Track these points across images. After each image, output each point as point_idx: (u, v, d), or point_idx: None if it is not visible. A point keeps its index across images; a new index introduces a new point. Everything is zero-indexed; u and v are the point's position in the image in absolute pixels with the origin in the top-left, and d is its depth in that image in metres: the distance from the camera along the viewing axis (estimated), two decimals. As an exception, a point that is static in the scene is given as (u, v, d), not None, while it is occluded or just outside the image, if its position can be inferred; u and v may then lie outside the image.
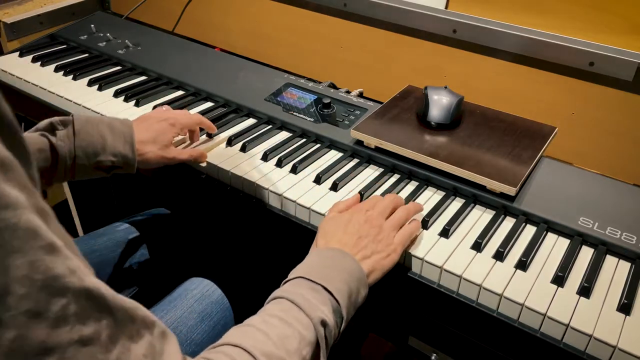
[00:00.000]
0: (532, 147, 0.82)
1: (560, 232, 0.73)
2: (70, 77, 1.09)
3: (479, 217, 0.75)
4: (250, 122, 0.97)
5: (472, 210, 0.77)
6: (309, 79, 1.08)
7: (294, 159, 0.86)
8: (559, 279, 0.64)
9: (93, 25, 1.26)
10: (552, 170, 0.81)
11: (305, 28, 1.16)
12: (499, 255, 0.68)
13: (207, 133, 0.91)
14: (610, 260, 0.69)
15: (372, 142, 0.85)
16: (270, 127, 0.94)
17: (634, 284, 0.64)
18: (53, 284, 0.33)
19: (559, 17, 0.91)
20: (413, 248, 0.69)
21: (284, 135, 0.93)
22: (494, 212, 0.76)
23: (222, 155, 0.86)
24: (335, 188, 0.80)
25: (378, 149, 0.85)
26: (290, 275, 0.58)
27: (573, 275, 0.66)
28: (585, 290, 0.63)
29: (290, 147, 0.89)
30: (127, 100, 1.02)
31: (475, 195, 0.78)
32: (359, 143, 0.87)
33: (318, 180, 0.81)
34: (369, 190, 0.79)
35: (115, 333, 0.36)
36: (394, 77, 1.06)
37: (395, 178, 0.83)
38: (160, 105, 0.96)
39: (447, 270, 0.66)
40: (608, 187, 0.78)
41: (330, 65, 1.14)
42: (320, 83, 1.08)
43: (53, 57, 1.17)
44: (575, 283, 0.65)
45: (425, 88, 0.89)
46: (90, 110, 0.99)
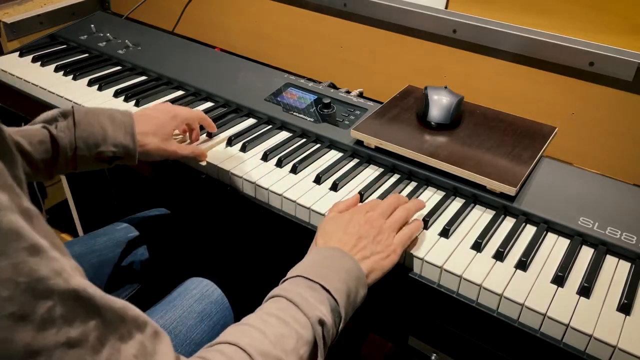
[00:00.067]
0: (532, 147, 0.82)
1: (560, 232, 0.73)
2: (70, 77, 1.10)
3: (479, 217, 0.75)
4: (250, 122, 0.97)
5: (472, 210, 0.77)
6: (309, 79, 1.08)
7: (294, 159, 0.86)
8: (559, 279, 0.64)
9: (93, 25, 1.26)
10: (552, 170, 0.81)
11: (305, 28, 1.16)
12: (499, 255, 0.68)
13: (207, 133, 0.91)
14: (610, 260, 0.69)
15: (372, 142, 0.85)
16: (270, 127, 0.94)
17: (634, 284, 0.64)
18: (37, 286, 0.32)
19: (559, 17, 0.91)
20: (413, 248, 0.69)
21: (284, 135, 0.93)
22: (494, 212, 0.76)
23: (222, 155, 0.86)
24: (335, 188, 0.80)
25: (378, 149, 0.85)
26: (289, 274, 0.58)
27: (573, 275, 0.66)
28: (585, 290, 0.63)
29: (290, 147, 0.89)
30: (127, 100, 1.02)
31: (475, 195, 0.78)
32: (359, 143, 0.87)
33: (318, 180, 0.81)
34: (369, 190, 0.79)
35: (104, 334, 0.36)
36: (394, 77, 1.06)
37: (395, 178, 0.83)
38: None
39: (447, 270, 0.66)
40: (608, 187, 0.78)
41: (330, 65, 1.14)
42: (320, 83, 1.08)
43: (53, 57, 1.17)
44: (575, 283, 0.65)
45: (425, 88, 0.89)
46: (90, 110, 0.99)
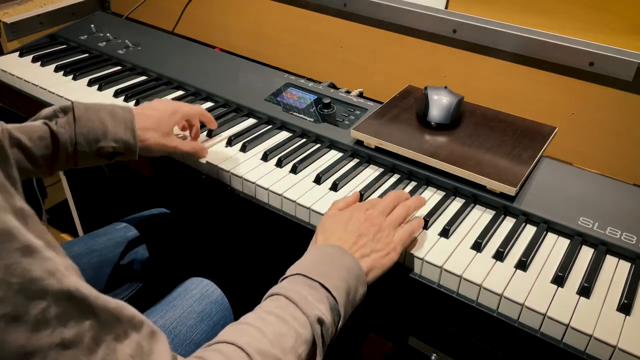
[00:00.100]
0: (532, 147, 0.82)
1: (560, 232, 0.73)
2: (70, 77, 1.10)
3: (479, 217, 0.75)
4: (250, 122, 0.97)
5: (472, 210, 0.77)
6: (309, 79, 1.08)
7: (294, 159, 0.86)
8: (559, 279, 0.64)
9: (93, 25, 1.26)
10: (552, 170, 0.81)
11: (305, 28, 1.16)
12: (499, 255, 0.68)
13: (207, 133, 0.91)
14: (610, 260, 0.69)
15: (372, 142, 0.85)
16: (270, 127, 0.94)
17: (634, 284, 0.64)
18: (30, 287, 0.32)
19: (559, 17, 0.91)
20: (413, 248, 0.69)
21: (284, 135, 0.93)
22: (494, 212, 0.76)
23: (222, 155, 0.86)
24: (335, 188, 0.80)
25: (378, 149, 0.85)
26: (288, 272, 0.58)
27: (573, 275, 0.66)
28: (585, 290, 0.63)
29: (290, 147, 0.89)
30: (127, 100, 1.02)
31: (475, 195, 0.78)
32: (359, 143, 0.87)
33: (318, 180, 0.81)
34: (369, 190, 0.79)
35: (100, 334, 0.36)
36: (394, 77, 1.06)
37: (395, 178, 0.83)
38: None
39: (447, 270, 0.66)
40: (608, 187, 0.78)
41: (330, 65, 1.14)
42: (320, 83, 1.08)
43: (53, 57, 1.17)
44: (575, 283, 0.65)
45: (425, 88, 0.89)
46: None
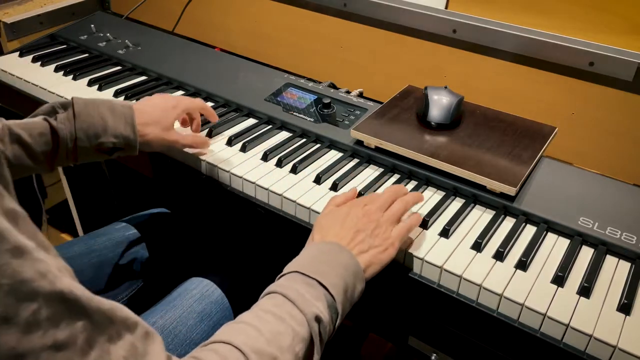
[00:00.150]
0: (532, 147, 0.82)
1: (560, 232, 0.73)
2: (70, 77, 1.10)
3: (479, 217, 0.75)
4: (250, 122, 0.97)
5: (472, 210, 0.77)
6: (309, 79, 1.08)
7: (294, 159, 0.86)
8: (559, 279, 0.64)
9: (93, 25, 1.26)
10: (552, 170, 0.81)
11: (305, 28, 1.16)
12: (499, 255, 0.68)
13: (207, 133, 0.91)
14: (610, 260, 0.69)
15: (372, 142, 0.85)
16: (270, 127, 0.94)
17: (634, 284, 0.64)
18: (21, 289, 0.32)
19: (559, 17, 0.91)
20: (413, 248, 0.69)
21: (284, 135, 0.93)
22: (494, 212, 0.76)
23: (222, 155, 0.86)
24: (335, 188, 0.80)
25: (378, 149, 0.85)
26: (285, 270, 0.57)
27: (573, 275, 0.66)
28: (585, 290, 0.63)
29: (290, 147, 0.89)
30: (127, 100, 1.02)
31: (475, 195, 0.78)
32: (359, 143, 0.87)
33: (318, 180, 0.81)
34: (369, 190, 0.78)
35: (93, 336, 0.36)
36: (394, 77, 1.06)
37: (395, 178, 0.83)
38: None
39: (447, 270, 0.66)
40: (608, 187, 0.78)
41: (330, 65, 1.14)
42: (320, 83, 1.08)
43: (53, 57, 1.17)
44: (575, 283, 0.65)
45: (425, 88, 0.89)
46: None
